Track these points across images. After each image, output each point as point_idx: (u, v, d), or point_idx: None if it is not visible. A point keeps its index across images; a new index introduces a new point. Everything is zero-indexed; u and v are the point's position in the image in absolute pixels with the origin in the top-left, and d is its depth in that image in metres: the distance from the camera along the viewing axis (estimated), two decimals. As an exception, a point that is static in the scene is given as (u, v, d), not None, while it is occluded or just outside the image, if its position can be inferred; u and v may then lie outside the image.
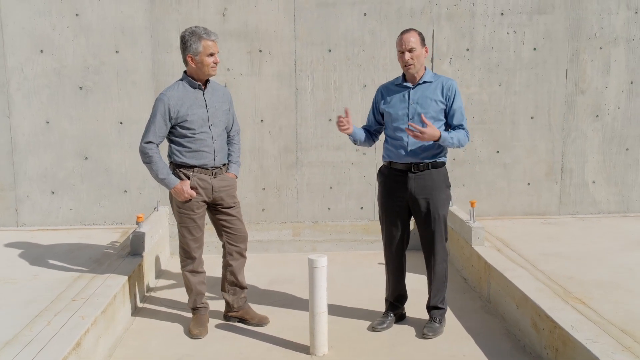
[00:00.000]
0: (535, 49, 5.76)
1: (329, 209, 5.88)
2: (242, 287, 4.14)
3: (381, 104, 3.90)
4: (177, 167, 3.84)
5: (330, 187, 5.86)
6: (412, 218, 3.98)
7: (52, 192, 5.70)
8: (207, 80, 3.87)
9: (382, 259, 4.21)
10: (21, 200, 5.70)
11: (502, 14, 5.70)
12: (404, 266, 4.06)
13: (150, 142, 3.75)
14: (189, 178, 3.82)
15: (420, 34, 3.76)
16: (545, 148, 5.89)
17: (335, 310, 4.23)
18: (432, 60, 5.73)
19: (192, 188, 3.81)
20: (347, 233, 5.88)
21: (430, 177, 3.82)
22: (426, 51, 3.79)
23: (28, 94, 5.57)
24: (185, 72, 3.85)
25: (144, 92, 5.64)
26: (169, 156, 3.90)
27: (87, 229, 5.67)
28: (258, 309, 4.35)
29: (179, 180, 3.80)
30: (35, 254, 4.79)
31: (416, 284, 4.55)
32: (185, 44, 3.72)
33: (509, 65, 5.78)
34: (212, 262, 4.92)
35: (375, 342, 3.80)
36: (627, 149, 5.93)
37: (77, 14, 5.51)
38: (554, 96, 5.83)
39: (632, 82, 5.84)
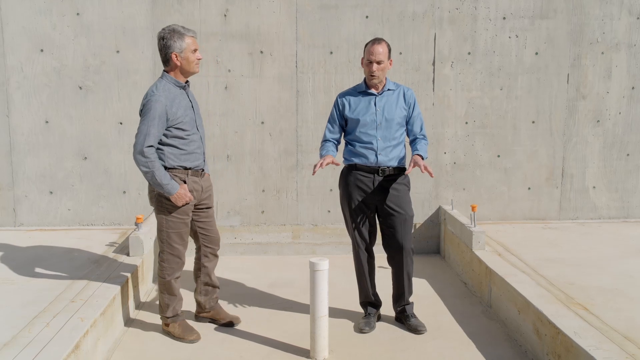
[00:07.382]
0: (537, 54, 5.75)
1: (329, 211, 5.86)
2: (215, 286, 4.14)
3: (346, 111, 3.99)
4: (169, 171, 3.68)
5: (331, 190, 5.83)
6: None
7: (51, 192, 5.66)
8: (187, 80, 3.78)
9: (384, 263, 4.20)
10: (19, 200, 5.66)
11: (504, 18, 5.69)
12: (374, 264, 4.17)
13: (151, 146, 3.57)
14: (184, 181, 3.72)
15: (389, 47, 3.89)
16: (546, 153, 5.88)
17: (335, 313, 4.21)
18: (433, 64, 5.72)
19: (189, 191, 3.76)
20: (346, 236, 5.82)
21: (396, 180, 3.97)
22: (390, 63, 3.93)
23: (27, 93, 5.54)
24: (164, 71, 3.71)
25: (144, 92, 5.58)
26: (160, 159, 3.67)
27: (86, 229, 5.64)
28: (258, 312, 4.34)
29: (179, 185, 3.68)
30: (34, 255, 4.75)
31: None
32: (167, 42, 3.61)
33: (510, 70, 5.77)
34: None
35: (375, 347, 3.78)
36: (628, 155, 5.93)
37: (77, 14, 5.48)
38: (555, 101, 5.83)
39: (633, 88, 5.84)
